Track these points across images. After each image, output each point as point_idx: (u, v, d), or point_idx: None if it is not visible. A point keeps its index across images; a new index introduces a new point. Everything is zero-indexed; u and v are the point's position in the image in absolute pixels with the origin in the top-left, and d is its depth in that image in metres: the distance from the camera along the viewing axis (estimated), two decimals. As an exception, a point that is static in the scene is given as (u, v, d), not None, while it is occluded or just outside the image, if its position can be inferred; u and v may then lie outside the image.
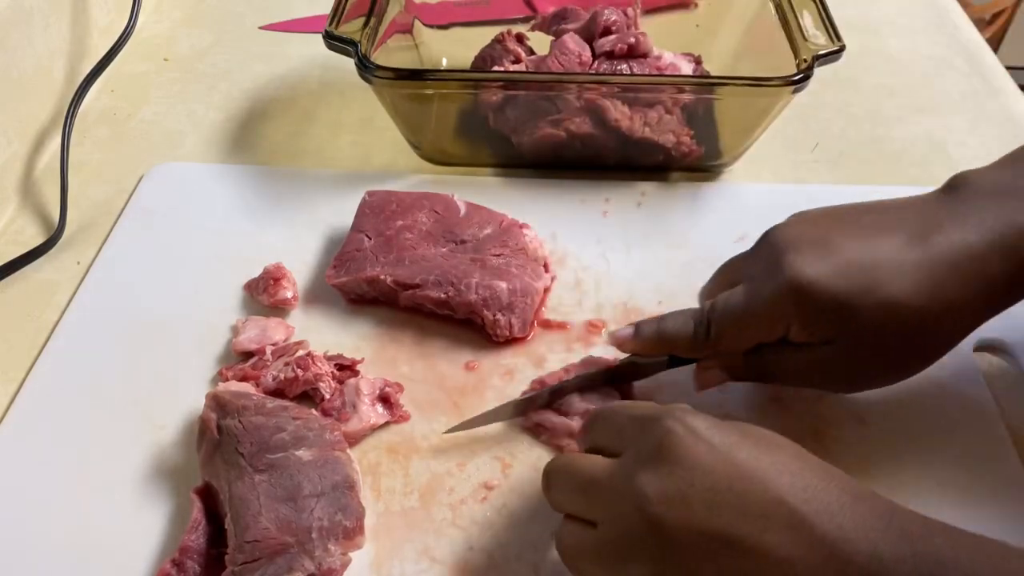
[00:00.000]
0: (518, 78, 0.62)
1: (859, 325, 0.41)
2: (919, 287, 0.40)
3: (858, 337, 0.41)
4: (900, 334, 0.41)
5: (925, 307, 0.40)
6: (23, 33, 0.65)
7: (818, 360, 0.43)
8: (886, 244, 0.41)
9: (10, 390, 0.52)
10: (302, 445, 0.44)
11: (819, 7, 0.60)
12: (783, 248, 0.42)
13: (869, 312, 0.40)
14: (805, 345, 0.43)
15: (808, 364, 0.44)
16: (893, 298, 0.40)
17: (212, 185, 0.65)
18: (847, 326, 0.41)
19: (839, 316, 0.41)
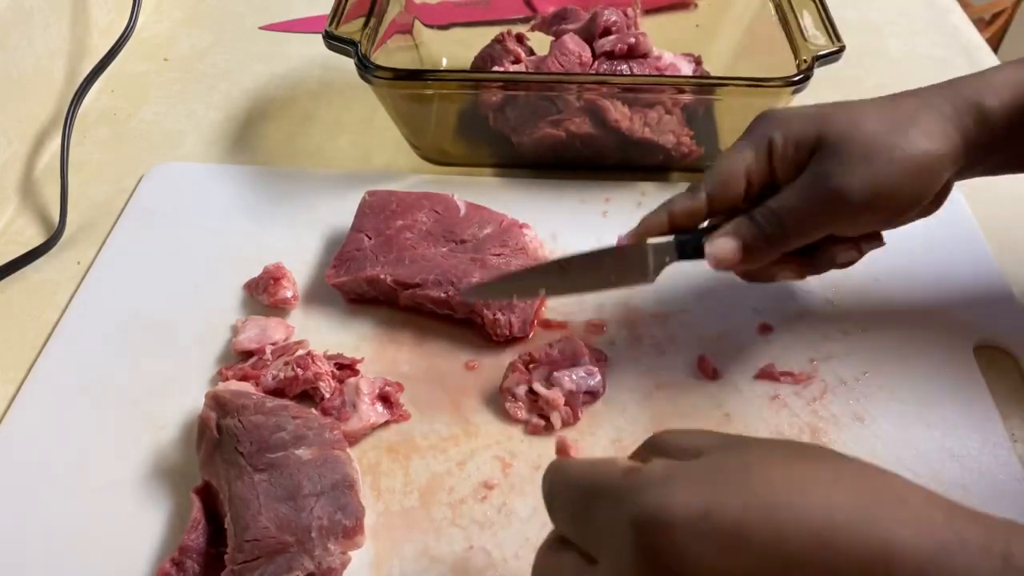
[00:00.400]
0: (518, 78, 0.62)
1: (830, 128, 0.45)
2: (879, 111, 0.45)
3: (831, 142, 0.45)
4: (862, 140, 0.44)
5: (879, 122, 0.45)
6: (23, 33, 0.65)
7: (809, 186, 0.45)
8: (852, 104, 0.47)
9: (10, 390, 0.52)
10: (302, 444, 0.44)
11: (819, 7, 0.60)
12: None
13: (835, 120, 0.45)
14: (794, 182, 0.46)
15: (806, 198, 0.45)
16: (856, 112, 0.46)
17: (212, 185, 0.65)
18: (819, 126, 0.45)
19: (808, 118, 0.46)
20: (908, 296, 0.56)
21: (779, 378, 0.51)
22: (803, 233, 0.46)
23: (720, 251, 0.46)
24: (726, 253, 0.46)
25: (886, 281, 0.57)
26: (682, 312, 0.55)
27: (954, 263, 0.58)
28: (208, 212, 0.62)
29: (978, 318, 0.55)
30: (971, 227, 0.61)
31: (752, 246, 0.46)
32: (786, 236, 0.45)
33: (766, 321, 0.55)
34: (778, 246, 0.46)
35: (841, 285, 0.57)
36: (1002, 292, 0.56)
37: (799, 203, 0.45)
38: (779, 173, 0.46)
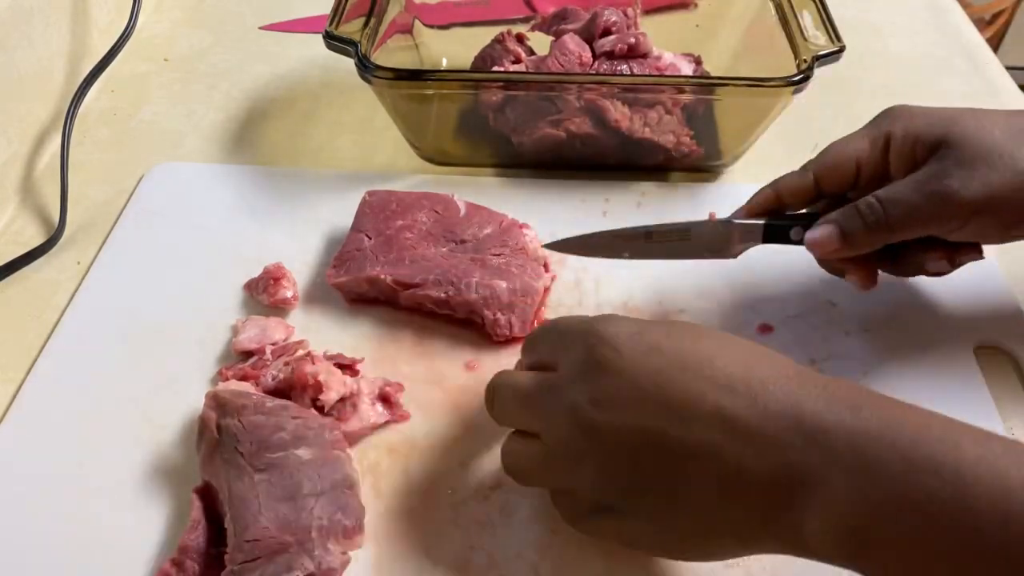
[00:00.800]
0: (518, 78, 0.62)
1: (953, 131, 0.46)
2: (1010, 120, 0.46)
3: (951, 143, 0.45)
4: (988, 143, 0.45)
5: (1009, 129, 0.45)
6: (23, 33, 0.65)
7: (923, 184, 0.46)
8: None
9: (10, 390, 0.52)
10: (302, 444, 0.44)
11: (819, 7, 0.60)
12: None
13: (960, 121, 0.46)
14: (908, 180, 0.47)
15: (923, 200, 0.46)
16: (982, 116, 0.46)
17: (212, 185, 0.65)
18: (942, 129, 0.46)
19: (930, 119, 0.47)
20: (908, 296, 0.56)
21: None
22: (906, 227, 0.47)
23: (820, 238, 0.48)
24: (826, 240, 0.48)
25: (886, 281, 0.57)
26: (682, 312, 0.55)
27: (954, 263, 0.58)
28: (208, 212, 0.62)
29: (978, 318, 0.55)
30: (971, 227, 0.60)
31: (852, 233, 0.47)
32: (889, 227, 0.46)
33: (766, 321, 0.55)
34: (879, 237, 0.47)
35: (841, 285, 0.57)
36: (1002, 293, 0.56)
37: (909, 197, 0.46)
38: (893, 167, 0.48)
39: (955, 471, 0.31)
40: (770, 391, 0.35)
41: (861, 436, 0.33)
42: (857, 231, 0.47)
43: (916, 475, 0.32)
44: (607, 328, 0.39)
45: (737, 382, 0.36)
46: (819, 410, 0.34)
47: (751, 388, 0.35)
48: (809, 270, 0.54)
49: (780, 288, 0.56)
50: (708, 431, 0.35)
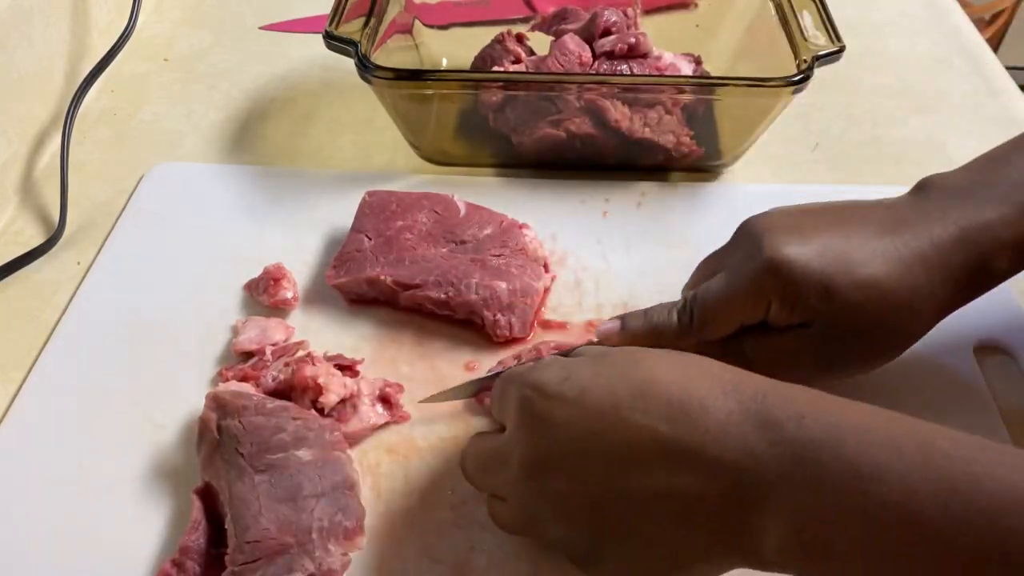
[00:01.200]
0: (518, 78, 0.62)
1: (837, 305, 0.41)
2: (890, 270, 0.41)
3: (835, 317, 0.42)
4: (875, 315, 0.42)
5: (896, 290, 0.41)
6: (23, 33, 0.65)
7: (795, 343, 0.43)
8: (858, 233, 0.43)
9: (10, 390, 0.52)
10: (302, 445, 0.44)
11: (819, 7, 0.60)
12: (761, 232, 0.43)
13: (846, 292, 0.41)
14: (784, 329, 0.43)
15: (786, 347, 0.44)
16: (869, 278, 0.41)
17: (212, 185, 0.65)
18: (825, 306, 0.42)
19: (818, 294, 0.42)
20: (908, 296, 0.56)
21: (779, 378, 0.51)
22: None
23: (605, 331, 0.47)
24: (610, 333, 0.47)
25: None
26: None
27: (954, 263, 0.58)
28: (208, 212, 0.62)
29: (978, 318, 0.54)
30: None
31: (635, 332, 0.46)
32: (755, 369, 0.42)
33: (766, 321, 0.55)
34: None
35: (841, 285, 0.57)
36: (1002, 292, 0.56)
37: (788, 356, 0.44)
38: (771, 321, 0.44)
39: (900, 477, 0.31)
40: (710, 412, 0.34)
41: (804, 446, 0.32)
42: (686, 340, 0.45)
43: (862, 483, 0.31)
44: (537, 378, 0.38)
45: (675, 408, 0.35)
46: (761, 423, 0.33)
47: (690, 412, 0.34)
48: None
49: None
50: (655, 470, 0.34)
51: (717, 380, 0.36)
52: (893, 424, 0.34)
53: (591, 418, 0.36)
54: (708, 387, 0.35)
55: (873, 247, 0.42)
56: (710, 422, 0.34)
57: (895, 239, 0.42)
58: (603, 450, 0.36)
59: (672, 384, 0.35)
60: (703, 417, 0.34)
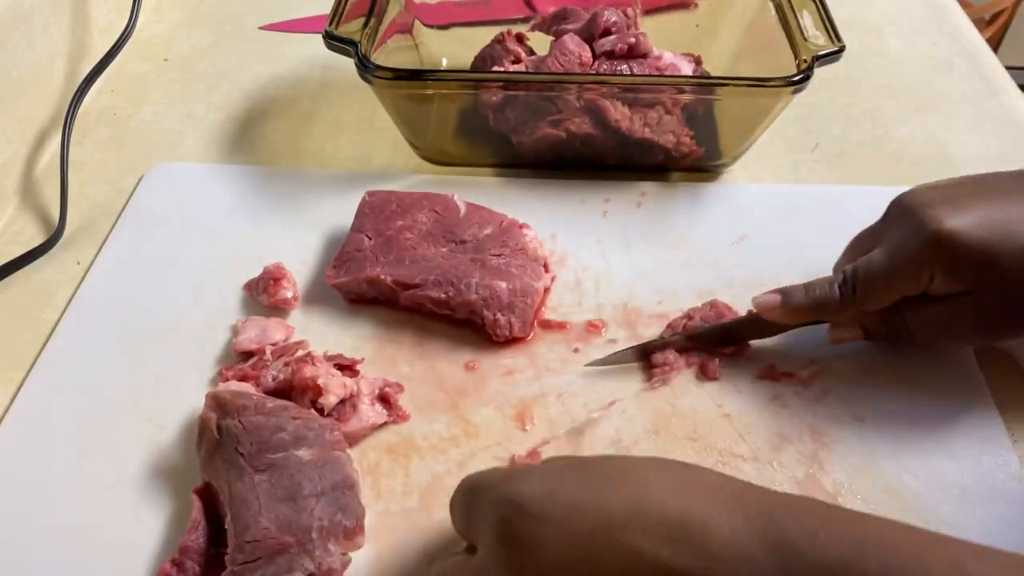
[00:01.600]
0: (518, 78, 0.62)
1: (999, 271, 0.43)
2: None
3: (998, 284, 0.44)
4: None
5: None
6: (23, 33, 0.65)
7: (958, 310, 0.46)
8: (1014, 203, 0.45)
9: (10, 390, 0.52)
10: (302, 445, 0.44)
11: (819, 7, 0.60)
12: (919, 207, 0.45)
13: (1009, 258, 0.43)
14: (945, 297, 0.46)
15: (948, 315, 0.46)
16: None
17: (212, 185, 0.65)
18: (988, 273, 0.44)
19: (981, 262, 0.43)
20: (908, 296, 0.56)
21: (780, 379, 0.51)
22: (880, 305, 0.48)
23: (845, 338, 0.51)
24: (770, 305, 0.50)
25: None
26: (682, 311, 0.55)
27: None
28: (208, 212, 0.62)
29: (978, 318, 0.55)
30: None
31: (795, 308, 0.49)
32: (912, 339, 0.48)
33: (766, 321, 0.55)
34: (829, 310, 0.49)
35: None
36: (1002, 292, 0.56)
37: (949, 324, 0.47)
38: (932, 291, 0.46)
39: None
40: (714, 533, 0.31)
41: (823, 566, 0.30)
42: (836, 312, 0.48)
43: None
44: (517, 492, 0.34)
45: (675, 528, 0.32)
46: (771, 545, 0.31)
47: (691, 534, 0.31)
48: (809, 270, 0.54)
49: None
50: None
51: (718, 494, 0.33)
52: (916, 540, 0.31)
53: (582, 542, 0.32)
54: (709, 502, 0.32)
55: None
56: (715, 545, 0.31)
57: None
58: (598, 574, 0.32)
59: (669, 499, 0.33)
60: (707, 539, 0.31)
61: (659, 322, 0.55)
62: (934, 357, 0.52)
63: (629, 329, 0.54)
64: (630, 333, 0.54)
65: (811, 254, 0.57)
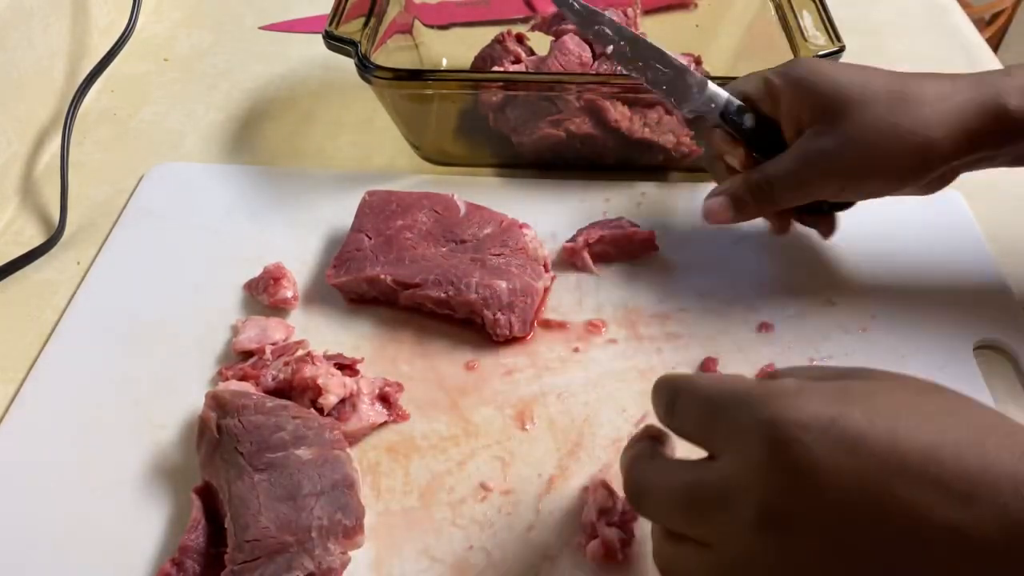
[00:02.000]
0: (518, 78, 0.62)
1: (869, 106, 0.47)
2: (914, 90, 0.48)
3: (865, 120, 0.47)
4: (901, 127, 0.47)
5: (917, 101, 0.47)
6: (23, 33, 0.65)
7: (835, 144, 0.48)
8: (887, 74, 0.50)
9: (10, 390, 0.52)
10: (302, 444, 0.44)
11: (819, 7, 0.60)
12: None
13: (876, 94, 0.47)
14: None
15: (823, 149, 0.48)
16: (898, 91, 0.48)
17: (212, 185, 0.65)
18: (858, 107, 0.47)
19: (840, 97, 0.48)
20: (908, 296, 0.56)
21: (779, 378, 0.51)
22: (791, 200, 0.51)
23: (713, 208, 0.53)
24: (719, 211, 0.52)
25: (886, 281, 0.57)
26: (682, 312, 0.55)
27: (954, 263, 0.58)
28: (208, 212, 0.62)
29: (978, 318, 0.55)
30: (971, 227, 0.61)
31: (743, 206, 0.52)
32: (775, 201, 0.51)
33: (766, 320, 0.55)
34: (767, 208, 0.52)
35: (841, 285, 0.57)
36: (1002, 292, 0.56)
37: (792, 168, 0.50)
38: (784, 123, 0.51)
39: None
40: (1022, 494, 0.28)
41: None
42: (748, 203, 0.51)
43: None
44: (791, 417, 0.31)
45: (976, 485, 0.28)
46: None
47: (996, 494, 0.28)
48: (809, 269, 0.55)
49: (780, 288, 0.56)
50: (938, 555, 0.28)
51: (1012, 441, 0.29)
52: None
53: (867, 481, 0.29)
54: (1014, 457, 0.29)
55: (903, 78, 0.49)
56: (1021, 512, 0.28)
57: (905, 78, 0.49)
58: (879, 518, 0.29)
59: (968, 446, 0.29)
60: (1013, 501, 0.28)
61: (659, 322, 0.55)
62: (934, 357, 0.53)
63: (629, 329, 0.54)
64: (630, 333, 0.54)
65: (811, 254, 0.57)
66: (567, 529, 0.45)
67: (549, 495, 0.46)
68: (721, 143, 0.53)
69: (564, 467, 0.48)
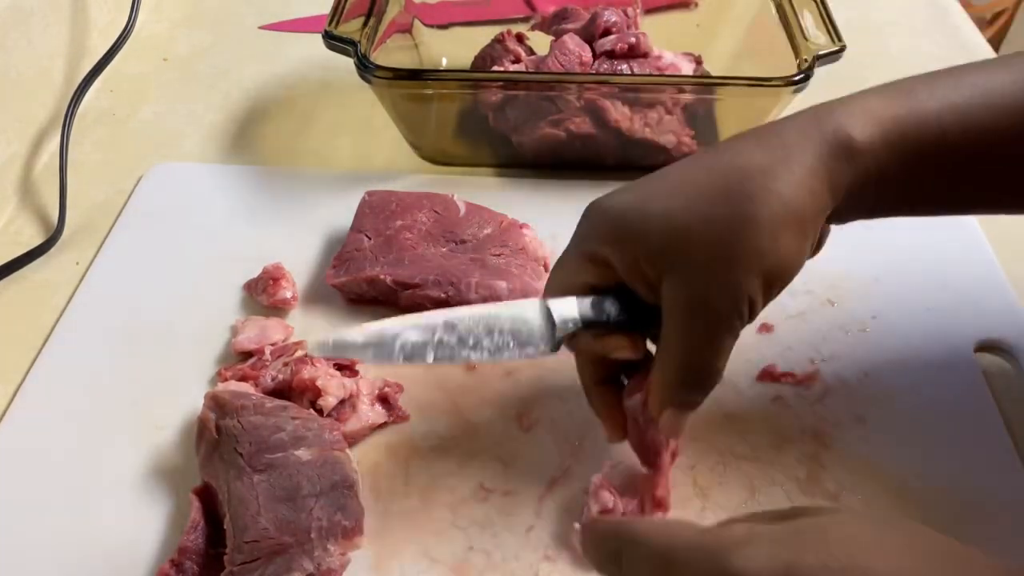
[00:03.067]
0: (518, 78, 0.62)
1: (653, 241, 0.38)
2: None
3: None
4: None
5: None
6: (22, 33, 0.65)
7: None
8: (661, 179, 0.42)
9: (9, 390, 0.52)
10: (301, 445, 0.44)
11: (820, 7, 0.60)
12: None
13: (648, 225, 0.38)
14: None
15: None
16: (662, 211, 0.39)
17: (212, 185, 0.64)
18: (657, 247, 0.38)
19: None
20: (908, 296, 0.56)
21: (780, 379, 0.51)
22: (727, 351, 0.39)
23: (672, 426, 0.41)
24: (676, 426, 0.41)
25: (886, 281, 0.57)
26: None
27: (954, 263, 0.58)
28: (208, 212, 0.62)
29: (978, 318, 0.54)
30: (971, 227, 0.60)
31: (694, 401, 0.41)
32: (714, 370, 0.39)
33: (766, 321, 0.55)
34: (714, 383, 0.40)
35: (841, 285, 0.57)
36: (1002, 292, 0.56)
37: (693, 330, 0.38)
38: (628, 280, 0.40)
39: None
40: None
41: None
42: (696, 398, 0.41)
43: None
44: (745, 568, 0.28)
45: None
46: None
47: None
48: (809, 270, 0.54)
49: (780, 288, 0.56)
50: None
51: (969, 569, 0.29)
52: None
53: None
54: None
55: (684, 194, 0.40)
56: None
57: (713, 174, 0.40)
58: None
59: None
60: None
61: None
62: (934, 357, 0.52)
63: (629, 329, 0.54)
64: (630, 333, 0.54)
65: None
66: (567, 530, 0.45)
67: (549, 496, 0.46)
68: (604, 346, 0.42)
69: (565, 468, 0.47)
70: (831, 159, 0.38)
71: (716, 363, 0.39)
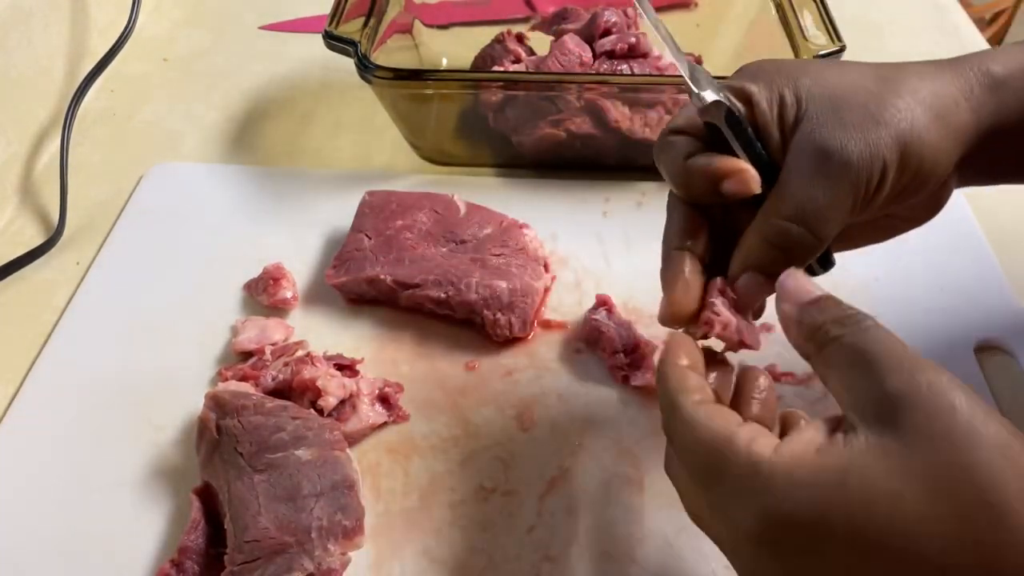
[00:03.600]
0: (518, 78, 0.62)
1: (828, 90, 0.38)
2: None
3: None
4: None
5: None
6: (23, 33, 0.65)
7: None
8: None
9: (9, 391, 0.52)
10: (301, 445, 0.44)
11: (819, 7, 0.60)
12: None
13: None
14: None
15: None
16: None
17: (212, 185, 0.64)
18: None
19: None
20: (908, 296, 0.56)
21: (780, 379, 0.51)
22: (839, 222, 0.38)
23: (750, 287, 0.41)
24: (756, 289, 0.41)
25: (886, 281, 0.57)
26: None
27: (954, 263, 0.58)
28: (208, 212, 0.62)
29: (978, 318, 0.55)
30: (971, 227, 0.60)
31: (794, 260, 0.39)
32: (822, 235, 0.38)
33: (766, 321, 0.54)
34: (815, 252, 0.39)
35: (841, 285, 0.57)
36: (1002, 292, 0.56)
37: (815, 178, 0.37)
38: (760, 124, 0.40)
39: None
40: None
41: None
42: (796, 260, 0.39)
43: None
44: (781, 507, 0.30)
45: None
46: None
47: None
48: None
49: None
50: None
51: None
52: None
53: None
54: None
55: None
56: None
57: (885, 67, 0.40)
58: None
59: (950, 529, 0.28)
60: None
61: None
62: (934, 357, 0.52)
63: (629, 329, 0.54)
64: (630, 333, 0.54)
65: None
66: (568, 530, 0.45)
67: (550, 496, 0.46)
68: (723, 165, 0.40)
69: (565, 468, 0.47)
70: (976, 85, 0.39)
71: (828, 216, 0.37)
